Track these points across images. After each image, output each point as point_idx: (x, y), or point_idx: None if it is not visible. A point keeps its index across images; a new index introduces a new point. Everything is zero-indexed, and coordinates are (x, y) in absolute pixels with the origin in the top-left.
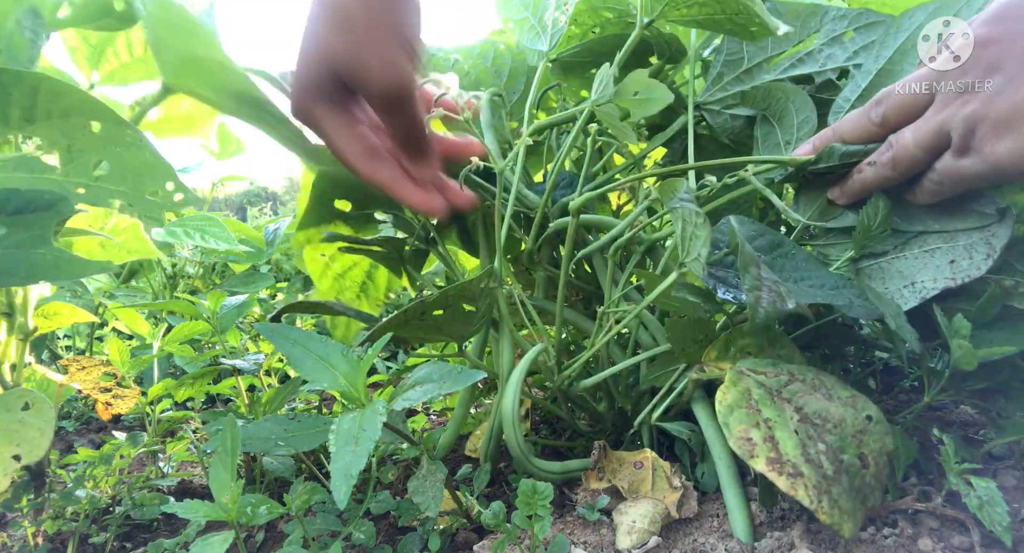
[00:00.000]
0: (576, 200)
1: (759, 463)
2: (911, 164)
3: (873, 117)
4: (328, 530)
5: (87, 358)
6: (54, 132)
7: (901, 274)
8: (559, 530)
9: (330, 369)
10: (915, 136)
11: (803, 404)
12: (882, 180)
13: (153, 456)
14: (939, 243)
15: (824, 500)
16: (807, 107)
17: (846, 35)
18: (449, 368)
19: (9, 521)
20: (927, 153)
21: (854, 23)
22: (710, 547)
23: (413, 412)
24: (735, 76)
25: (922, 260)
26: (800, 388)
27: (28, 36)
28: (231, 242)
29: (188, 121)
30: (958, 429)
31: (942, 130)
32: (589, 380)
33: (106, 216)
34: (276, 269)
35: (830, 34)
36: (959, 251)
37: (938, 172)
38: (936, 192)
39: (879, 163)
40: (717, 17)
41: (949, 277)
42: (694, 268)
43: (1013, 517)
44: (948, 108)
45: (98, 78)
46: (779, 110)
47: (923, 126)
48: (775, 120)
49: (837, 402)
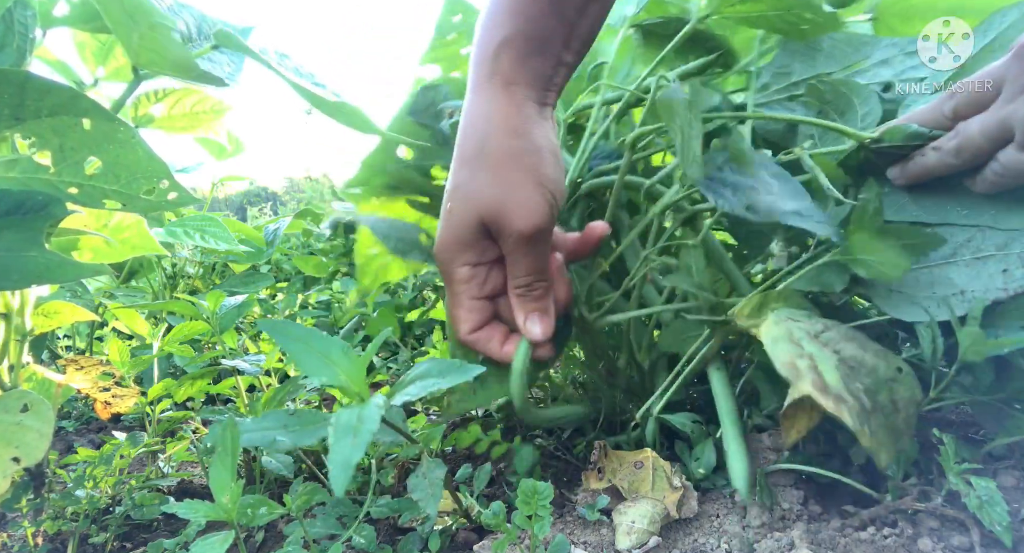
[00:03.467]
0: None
1: (805, 385)
2: (975, 153)
3: (946, 110)
4: (328, 534)
5: (85, 358)
6: (45, 130)
7: (951, 281)
8: (559, 530)
9: (331, 365)
10: (981, 127)
11: (840, 349)
12: (944, 166)
13: (153, 456)
14: (992, 250)
15: (866, 427)
16: (872, 100)
17: (895, 60)
18: (449, 363)
19: (9, 521)
20: (992, 144)
21: (904, 50)
22: (710, 547)
23: (413, 412)
24: (782, 87)
25: (974, 268)
26: (836, 336)
27: (19, 29)
28: (231, 242)
29: (193, 117)
30: (958, 429)
31: (1006, 123)
32: (617, 316)
33: (109, 214)
34: (276, 269)
35: (879, 58)
36: (1012, 260)
37: (1001, 163)
38: (997, 183)
39: (944, 149)
40: (769, 14)
41: (1001, 288)
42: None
43: (1013, 517)
44: (1013, 103)
45: (103, 74)
46: (843, 104)
47: (989, 118)
48: (837, 114)
49: (871, 352)
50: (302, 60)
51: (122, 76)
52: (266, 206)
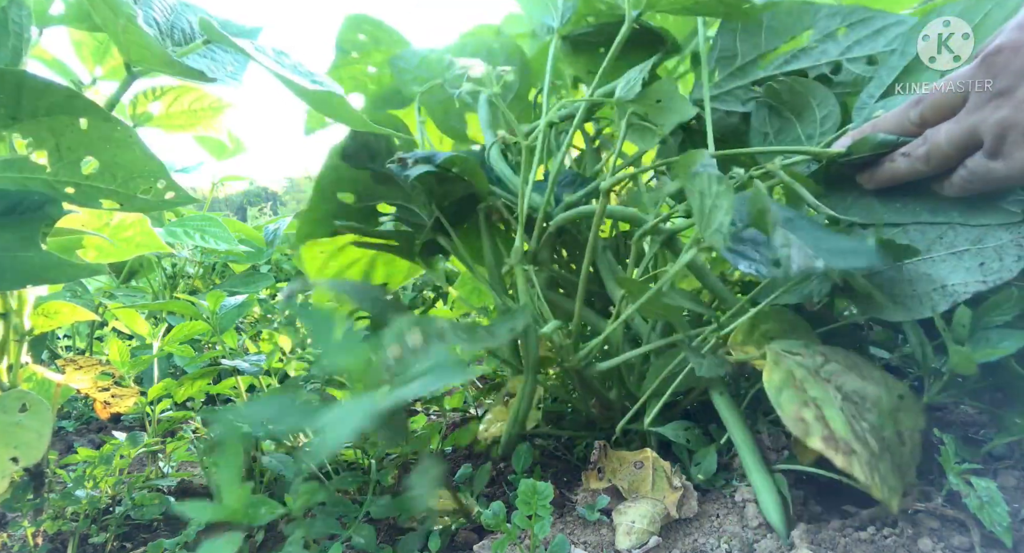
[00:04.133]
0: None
1: (815, 441)
2: (943, 161)
3: (912, 116)
4: (328, 534)
5: (85, 358)
6: (42, 130)
7: (929, 277)
8: (559, 530)
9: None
10: (948, 135)
11: (842, 383)
12: (913, 172)
13: (153, 456)
14: (966, 245)
15: (876, 476)
16: (829, 102)
17: (839, 31)
18: (448, 362)
19: (9, 521)
20: (959, 152)
21: (847, 19)
22: (710, 547)
23: (413, 412)
24: (728, 73)
25: (950, 262)
26: (836, 368)
27: (14, 28)
28: (231, 242)
29: (192, 115)
30: (958, 429)
31: (974, 132)
32: (605, 363)
33: (110, 213)
34: (276, 269)
35: (823, 31)
36: (988, 253)
37: (969, 169)
38: (965, 188)
39: (913, 156)
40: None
41: (980, 280)
42: (715, 240)
43: (1013, 517)
44: (980, 111)
45: (101, 73)
46: (799, 105)
47: (956, 126)
48: (794, 115)
49: (871, 381)
50: (302, 58)
51: (119, 75)
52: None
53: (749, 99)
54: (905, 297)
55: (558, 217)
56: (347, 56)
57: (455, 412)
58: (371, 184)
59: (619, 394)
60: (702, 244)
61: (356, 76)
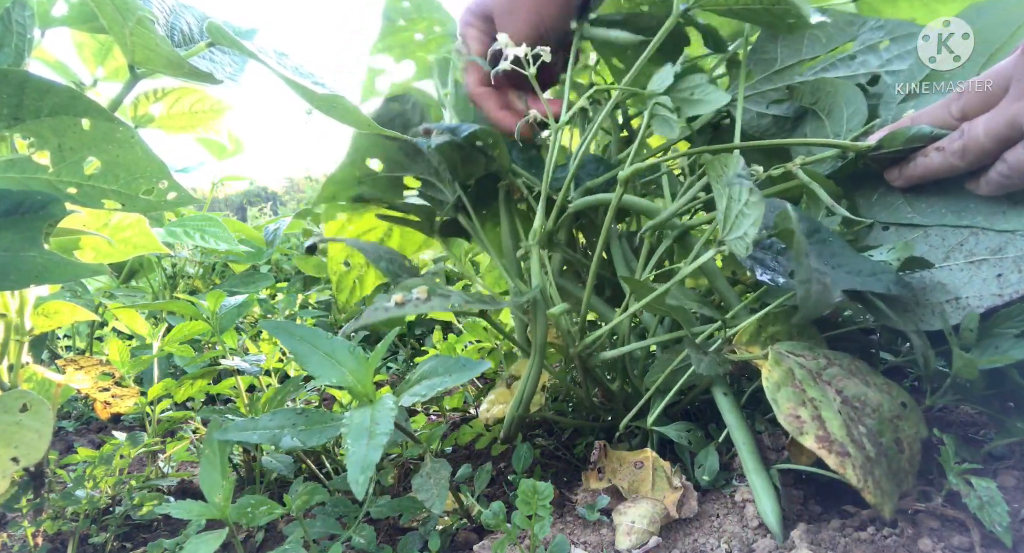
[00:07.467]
0: (625, 171)
1: (808, 440)
2: (980, 154)
3: (953, 111)
4: (328, 534)
5: (85, 358)
6: (44, 130)
7: (943, 287)
8: (559, 530)
9: (337, 365)
10: (987, 126)
11: (843, 387)
12: (948, 168)
13: (153, 456)
14: (986, 253)
15: (869, 480)
16: (856, 99)
17: (882, 44)
18: (454, 361)
19: (9, 521)
20: (998, 144)
21: (891, 33)
22: (710, 547)
23: (413, 412)
24: (766, 75)
25: (967, 272)
26: (839, 372)
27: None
28: (231, 242)
29: (192, 117)
30: (958, 429)
31: (1014, 122)
32: (610, 352)
33: (109, 214)
34: (276, 269)
35: (866, 42)
36: (1007, 264)
37: (1008, 164)
38: (1002, 185)
39: (948, 150)
40: (754, 7)
41: (996, 293)
42: (737, 246)
43: (1013, 517)
44: (1021, 100)
45: (103, 74)
46: (828, 104)
47: (996, 117)
48: (824, 114)
49: (874, 388)
50: (303, 60)
51: (121, 76)
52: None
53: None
54: (917, 307)
55: (576, 202)
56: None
57: (455, 412)
58: (399, 155)
59: (621, 386)
60: (722, 247)
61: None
